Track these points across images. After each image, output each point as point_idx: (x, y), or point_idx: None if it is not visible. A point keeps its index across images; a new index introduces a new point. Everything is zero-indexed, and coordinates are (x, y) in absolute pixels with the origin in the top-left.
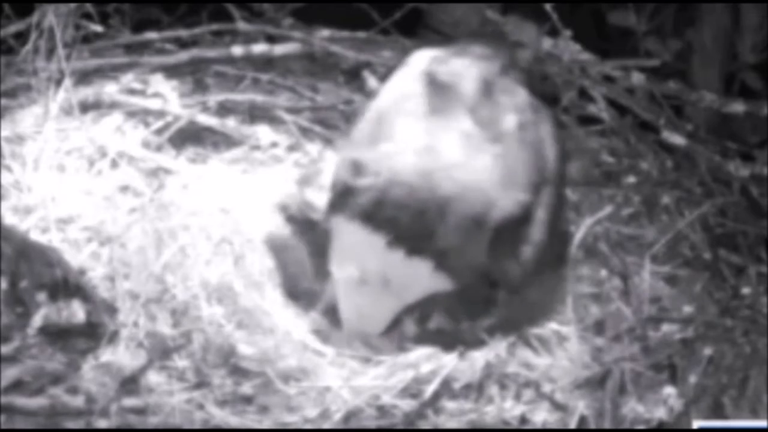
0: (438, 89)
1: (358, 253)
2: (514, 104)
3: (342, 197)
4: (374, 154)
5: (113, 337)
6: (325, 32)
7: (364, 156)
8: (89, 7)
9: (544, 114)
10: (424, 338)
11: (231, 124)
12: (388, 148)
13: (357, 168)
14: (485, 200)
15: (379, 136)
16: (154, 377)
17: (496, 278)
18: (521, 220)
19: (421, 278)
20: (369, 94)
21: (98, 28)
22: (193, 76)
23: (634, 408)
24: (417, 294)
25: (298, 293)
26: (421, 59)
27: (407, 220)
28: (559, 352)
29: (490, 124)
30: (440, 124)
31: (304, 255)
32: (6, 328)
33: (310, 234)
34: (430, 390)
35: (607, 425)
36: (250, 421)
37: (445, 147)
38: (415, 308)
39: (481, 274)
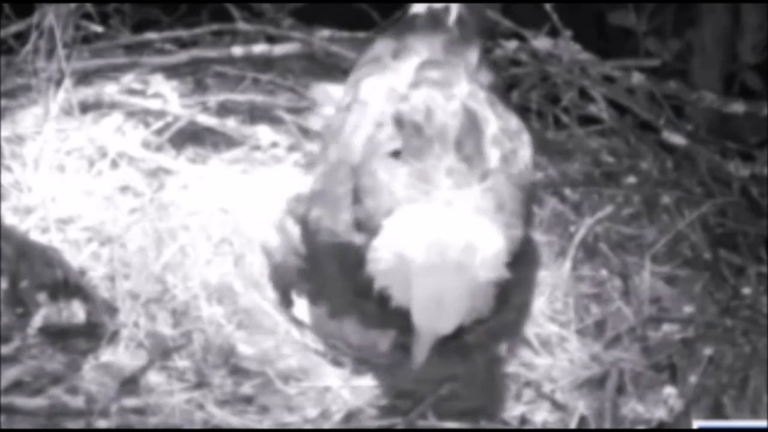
0: (411, 130)
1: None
2: (491, 136)
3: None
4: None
5: (113, 337)
6: (325, 32)
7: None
8: (89, 7)
9: (521, 136)
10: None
11: (231, 124)
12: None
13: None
14: (479, 240)
15: (369, 205)
16: (154, 377)
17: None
18: (514, 255)
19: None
20: None
21: (98, 28)
22: (193, 76)
23: (634, 408)
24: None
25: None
26: (377, 95)
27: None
28: (559, 352)
29: (475, 160)
30: (424, 164)
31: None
32: (6, 328)
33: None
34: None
35: (607, 425)
36: (250, 421)
37: (437, 187)
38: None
39: None
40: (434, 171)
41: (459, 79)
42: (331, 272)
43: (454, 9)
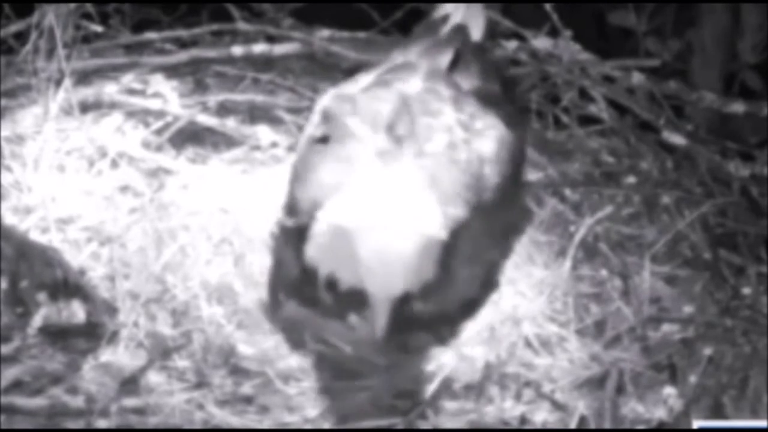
0: (337, 119)
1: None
2: (441, 125)
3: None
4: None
5: (113, 337)
6: (325, 32)
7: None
8: (89, 7)
9: (486, 133)
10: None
11: (231, 124)
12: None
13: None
14: (410, 208)
15: (298, 182)
16: (154, 377)
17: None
18: (453, 235)
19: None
20: None
21: (98, 28)
22: (193, 76)
23: (634, 408)
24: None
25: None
26: (324, 101)
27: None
28: (559, 352)
29: (410, 142)
30: (350, 147)
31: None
32: (6, 328)
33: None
34: (430, 390)
35: (607, 425)
36: (250, 421)
37: (361, 163)
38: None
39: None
40: (361, 152)
41: (410, 77)
42: (287, 266)
43: (456, 16)
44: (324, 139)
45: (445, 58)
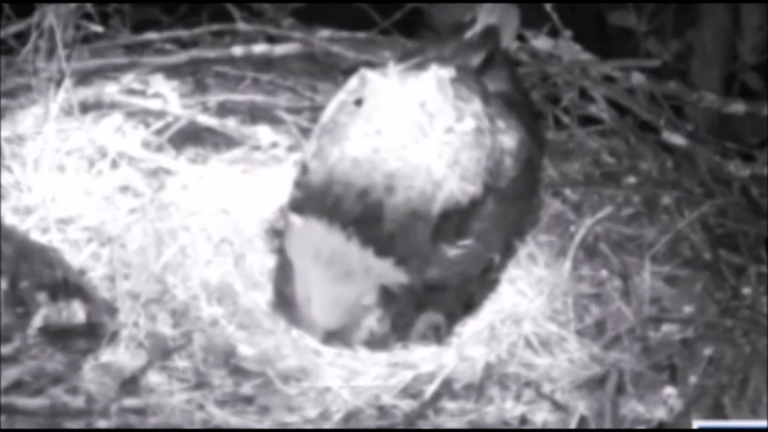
0: (372, 86)
1: (316, 245)
2: (471, 110)
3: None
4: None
5: (113, 337)
6: (325, 32)
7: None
8: (89, 7)
9: (508, 132)
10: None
11: (231, 124)
12: (334, 143)
13: (304, 168)
14: (432, 179)
15: (323, 142)
16: (154, 377)
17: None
18: (466, 212)
19: (376, 271)
20: None
21: (98, 28)
22: (193, 76)
23: (634, 408)
24: (373, 286)
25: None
26: (359, 74)
27: (353, 198)
28: (559, 353)
29: (441, 119)
30: (386, 115)
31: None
32: (6, 328)
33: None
34: (430, 390)
35: (607, 425)
36: (250, 421)
37: (392, 130)
38: (375, 305)
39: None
40: (392, 118)
41: (444, 66)
42: None
43: (488, 18)
44: (358, 102)
45: (476, 59)
